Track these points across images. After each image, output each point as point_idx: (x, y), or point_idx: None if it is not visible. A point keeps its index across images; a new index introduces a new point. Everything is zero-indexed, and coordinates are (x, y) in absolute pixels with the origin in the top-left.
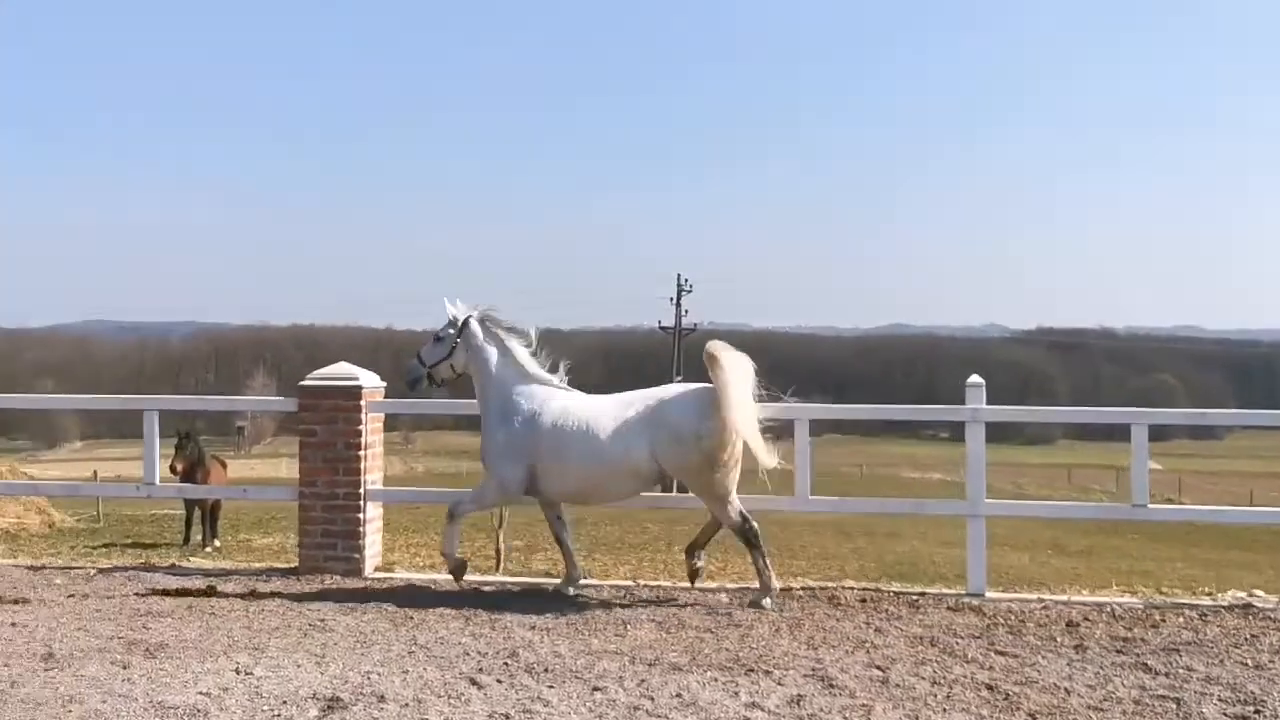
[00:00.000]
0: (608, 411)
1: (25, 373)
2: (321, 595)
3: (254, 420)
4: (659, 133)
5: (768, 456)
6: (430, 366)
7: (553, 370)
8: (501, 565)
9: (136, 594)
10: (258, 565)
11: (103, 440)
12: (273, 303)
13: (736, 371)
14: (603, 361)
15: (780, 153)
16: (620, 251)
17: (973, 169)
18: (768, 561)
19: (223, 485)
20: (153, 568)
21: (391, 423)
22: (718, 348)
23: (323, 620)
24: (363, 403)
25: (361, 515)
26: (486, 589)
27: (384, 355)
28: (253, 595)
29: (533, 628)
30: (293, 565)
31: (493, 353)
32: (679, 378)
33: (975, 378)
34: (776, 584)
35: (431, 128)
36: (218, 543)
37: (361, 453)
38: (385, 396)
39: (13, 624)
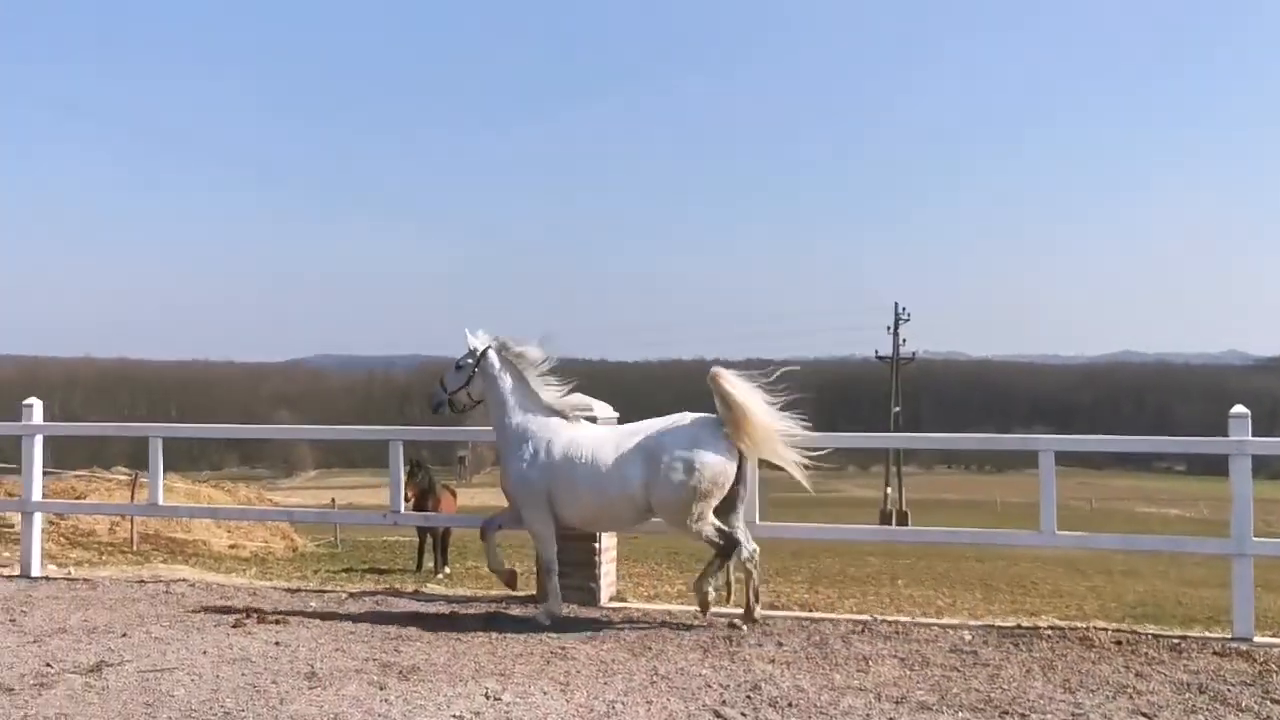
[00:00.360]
0: (611, 442)
1: (263, 404)
2: (560, 623)
3: (474, 449)
4: (874, 161)
5: (799, 471)
6: (451, 393)
7: (568, 397)
8: (731, 597)
9: (386, 618)
10: (495, 593)
11: (334, 469)
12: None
13: (743, 389)
14: (815, 392)
15: (995, 175)
16: (832, 279)
17: (1205, 179)
18: (717, 580)
19: (452, 513)
20: (398, 593)
21: None
22: (721, 370)
23: (563, 649)
24: None
25: (597, 545)
26: (720, 621)
27: (601, 385)
28: (494, 622)
29: (772, 660)
30: (530, 593)
31: (508, 382)
32: (897, 409)
33: (1240, 408)
34: (711, 593)
35: (651, 175)
36: (448, 569)
37: None
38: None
39: (277, 643)
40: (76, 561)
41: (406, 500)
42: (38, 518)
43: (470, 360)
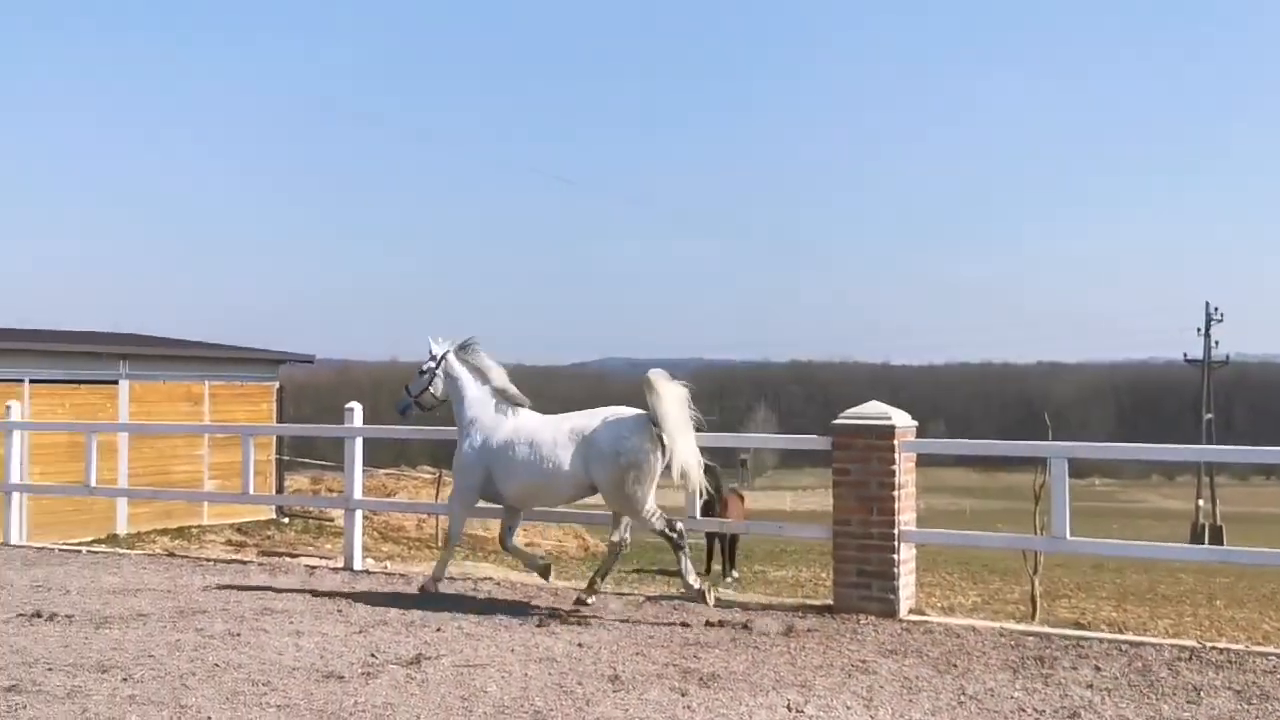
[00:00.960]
0: (549, 429)
1: (552, 407)
2: (858, 635)
3: (755, 453)
4: (1185, 141)
5: (699, 474)
6: (415, 396)
7: (518, 394)
8: (1037, 614)
9: (682, 623)
10: (790, 601)
11: None
12: (771, 339)
13: (671, 398)
14: (1111, 397)
15: None
16: (1137, 277)
17: None
18: (689, 564)
19: (739, 518)
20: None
21: None
22: (656, 376)
23: (864, 662)
24: (896, 442)
25: (895, 556)
26: (1029, 640)
27: (882, 389)
28: (791, 631)
29: (1089, 686)
30: (826, 602)
31: (467, 380)
32: (1209, 416)
33: None
34: (695, 581)
35: (908, 160)
36: (736, 574)
37: (895, 492)
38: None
39: (579, 644)
40: (388, 555)
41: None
42: (359, 514)
43: (432, 364)
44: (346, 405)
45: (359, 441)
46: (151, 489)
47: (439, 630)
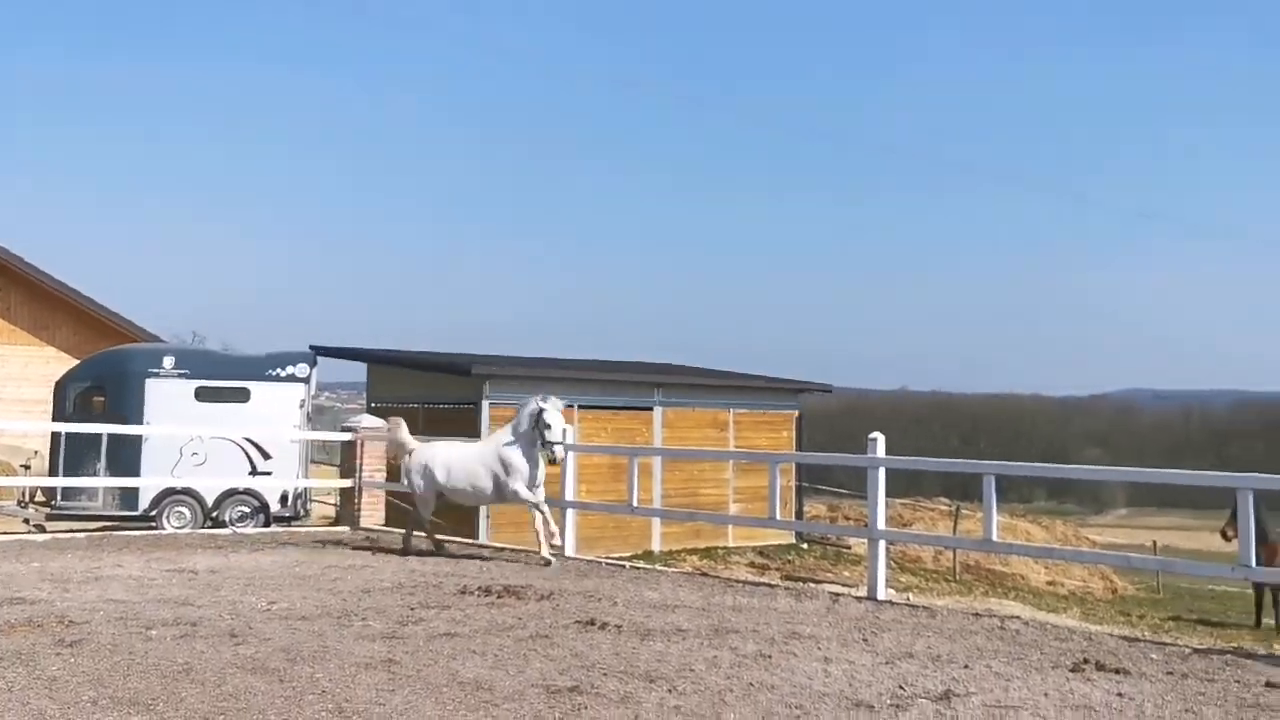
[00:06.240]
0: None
1: (1074, 439)
2: None
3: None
4: None
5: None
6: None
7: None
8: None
9: (1237, 681)
10: None
11: (1146, 508)
12: None
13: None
14: None
15: None
16: None
17: None
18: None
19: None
20: (1249, 654)
21: None
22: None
23: None
24: None
25: None
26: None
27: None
28: None
29: None
30: None
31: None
32: None
33: None
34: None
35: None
36: None
37: None
38: None
39: (1119, 694)
40: (906, 586)
41: (1226, 539)
42: (882, 544)
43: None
44: (869, 435)
45: (882, 472)
46: (686, 510)
47: (966, 667)
